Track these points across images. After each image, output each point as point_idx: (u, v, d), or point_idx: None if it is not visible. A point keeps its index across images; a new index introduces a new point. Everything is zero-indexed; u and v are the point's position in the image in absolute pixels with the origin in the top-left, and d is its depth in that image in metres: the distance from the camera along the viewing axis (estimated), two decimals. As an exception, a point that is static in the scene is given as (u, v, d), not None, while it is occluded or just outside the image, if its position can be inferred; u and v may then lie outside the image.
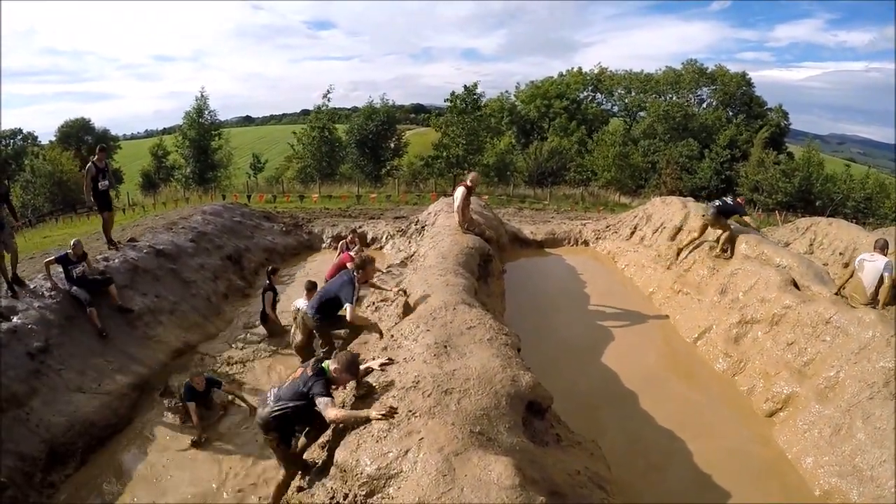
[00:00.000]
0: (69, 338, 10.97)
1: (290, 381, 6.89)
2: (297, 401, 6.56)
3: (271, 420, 6.67)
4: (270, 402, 6.75)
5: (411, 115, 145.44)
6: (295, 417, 6.70)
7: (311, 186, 41.82)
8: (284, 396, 6.67)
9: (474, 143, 46.95)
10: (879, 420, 8.20)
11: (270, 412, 6.65)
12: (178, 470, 9.04)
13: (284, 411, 6.60)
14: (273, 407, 6.66)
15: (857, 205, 54.05)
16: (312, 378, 6.57)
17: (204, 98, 48.21)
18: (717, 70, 71.71)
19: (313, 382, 6.51)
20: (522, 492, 5.02)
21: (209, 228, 18.57)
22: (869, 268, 11.37)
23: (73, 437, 9.18)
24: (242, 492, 8.55)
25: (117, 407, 10.17)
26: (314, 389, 6.44)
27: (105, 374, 10.67)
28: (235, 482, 8.76)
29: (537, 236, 21.30)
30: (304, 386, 6.54)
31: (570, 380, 10.96)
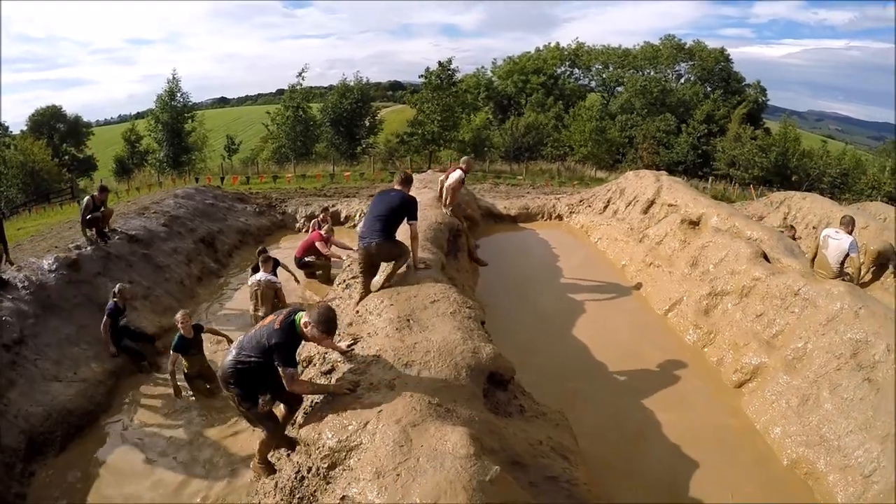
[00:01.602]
0: (44, 327, 10.82)
1: (257, 327, 6.29)
2: (258, 356, 5.98)
3: (232, 372, 6.09)
4: (234, 349, 6.23)
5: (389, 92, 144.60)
6: (257, 374, 6.12)
7: (286, 166, 41.41)
8: (248, 346, 6.07)
9: (450, 120, 46.64)
10: (846, 391, 8.25)
11: (232, 363, 6.09)
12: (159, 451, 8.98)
13: (247, 365, 6.03)
14: (234, 357, 6.11)
15: (834, 180, 54.57)
16: (277, 334, 5.91)
17: (176, 80, 47.48)
18: (695, 46, 71.75)
19: (276, 344, 5.87)
20: (477, 460, 5.02)
21: (181, 212, 18.40)
22: (833, 245, 11.62)
23: (51, 426, 9.01)
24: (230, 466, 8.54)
25: (94, 394, 10.01)
26: (275, 352, 5.88)
27: (80, 362, 10.53)
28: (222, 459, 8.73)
29: (511, 211, 21.23)
30: (269, 341, 5.91)
31: (541, 352, 10.97)
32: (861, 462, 7.35)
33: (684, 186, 17.76)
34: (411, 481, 4.81)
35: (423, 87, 48.98)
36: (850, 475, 7.34)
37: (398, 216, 8.73)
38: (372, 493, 4.84)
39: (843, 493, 7.25)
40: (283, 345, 5.93)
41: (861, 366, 8.40)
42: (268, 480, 6.55)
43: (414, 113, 49.76)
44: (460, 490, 4.65)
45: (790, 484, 7.79)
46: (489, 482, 4.89)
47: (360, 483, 5.00)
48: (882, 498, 6.66)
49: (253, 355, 6.01)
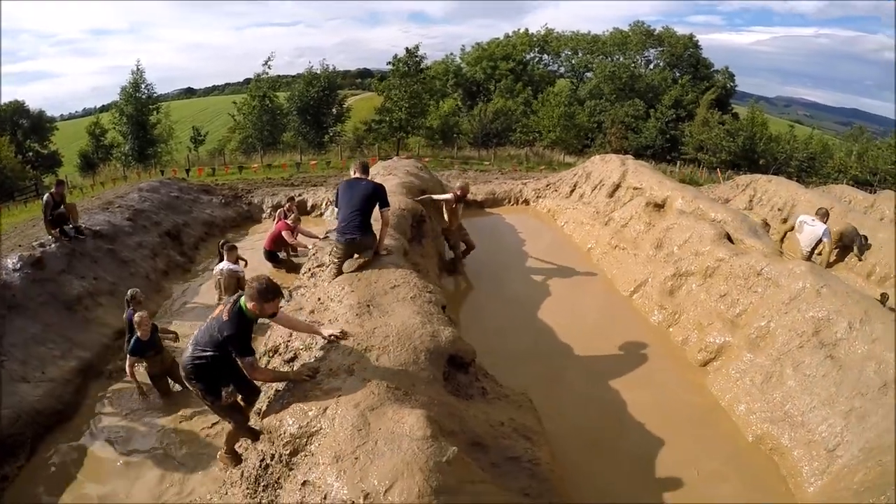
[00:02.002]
0: (10, 327, 10.52)
1: (208, 321, 6.20)
2: (213, 350, 5.94)
3: (192, 368, 6.09)
4: (190, 344, 6.19)
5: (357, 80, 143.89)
6: (216, 367, 6.12)
7: (253, 157, 40.92)
8: (201, 342, 6.04)
9: (417, 107, 46.43)
10: (809, 368, 8.34)
11: (190, 359, 6.09)
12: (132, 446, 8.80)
13: (204, 360, 6.02)
14: (191, 353, 6.10)
15: (801, 164, 55.50)
16: (228, 328, 5.84)
17: (140, 71, 46.46)
18: (664, 32, 72.12)
19: (229, 335, 5.82)
20: (434, 442, 5.05)
21: (146, 206, 18.00)
22: (808, 231, 12.05)
23: (20, 428, 8.71)
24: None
25: (62, 393, 9.69)
26: (230, 344, 5.83)
27: (48, 361, 10.23)
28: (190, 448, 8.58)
29: (477, 196, 21.12)
30: (220, 333, 5.87)
31: (507, 335, 10.96)
32: (825, 437, 7.43)
33: (650, 170, 17.79)
34: (369, 464, 4.82)
35: (391, 74, 48.70)
36: (814, 450, 7.41)
37: (372, 206, 8.76)
38: (331, 476, 4.84)
39: (808, 467, 7.32)
40: (236, 335, 5.86)
41: (823, 343, 8.50)
42: (234, 470, 6.47)
43: (382, 100, 49.49)
44: (417, 471, 4.67)
45: (755, 459, 7.85)
46: (446, 463, 4.90)
47: (320, 468, 5.01)
48: (846, 472, 6.69)
49: (208, 349, 5.97)
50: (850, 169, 54.54)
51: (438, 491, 4.59)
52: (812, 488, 7.08)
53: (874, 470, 6.17)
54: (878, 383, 7.47)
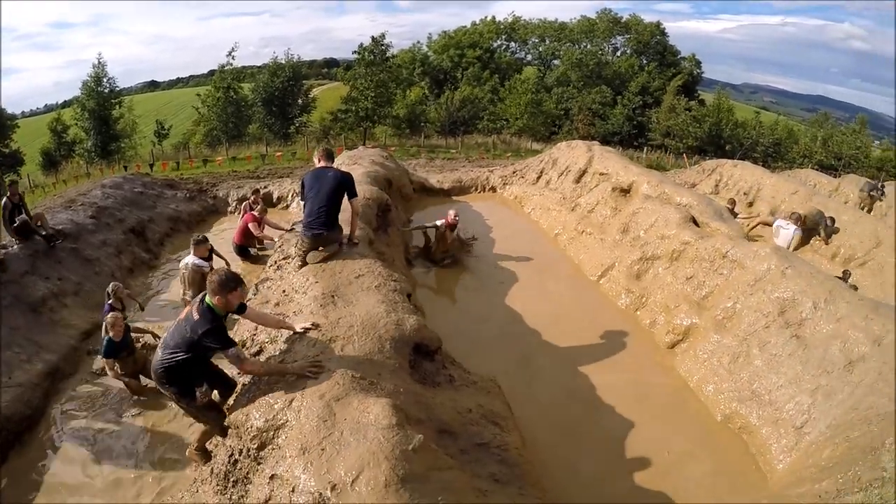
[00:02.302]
0: None
1: (176, 323, 6.03)
2: (185, 351, 5.75)
3: (163, 371, 5.89)
4: (160, 348, 5.98)
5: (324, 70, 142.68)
6: (187, 369, 5.93)
7: (218, 150, 40.29)
8: (172, 343, 5.83)
9: (384, 96, 46.11)
10: (775, 347, 8.46)
11: (161, 363, 5.86)
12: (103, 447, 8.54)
13: (176, 362, 5.81)
14: (161, 357, 5.87)
15: (767, 149, 56.13)
16: (202, 325, 5.67)
17: (102, 65, 45.33)
18: (631, 20, 72.30)
19: (205, 332, 5.64)
20: (399, 430, 5.04)
21: (109, 202, 17.55)
22: (783, 234, 12.67)
23: None
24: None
25: (30, 398, 9.36)
26: (214, 344, 5.68)
27: (14, 366, 9.88)
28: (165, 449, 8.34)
29: (444, 184, 21.07)
30: (194, 333, 5.67)
31: (476, 322, 10.95)
32: (792, 415, 7.54)
33: (615, 155, 17.86)
34: (335, 455, 4.80)
35: (357, 63, 48.29)
36: (782, 428, 7.52)
37: (340, 198, 8.63)
38: (298, 469, 4.82)
39: (776, 444, 7.42)
40: (214, 329, 5.71)
41: (789, 323, 8.61)
42: (205, 468, 6.35)
43: (348, 90, 49.13)
44: (383, 460, 4.66)
45: (725, 438, 7.95)
46: (412, 451, 4.90)
47: (287, 461, 4.97)
48: (814, 448, 6.74)
49: (179, 352, 5.79)
50: (816, 154, 55.46)
51: (405, 479, 4.58)
52: (781, 465, 7.15)
53: (842, 446, 6.20)
54: (844, 361, 7.59)
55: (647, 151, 48.80)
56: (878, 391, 6.83)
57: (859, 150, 55.61)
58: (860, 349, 7.60)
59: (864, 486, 5.09)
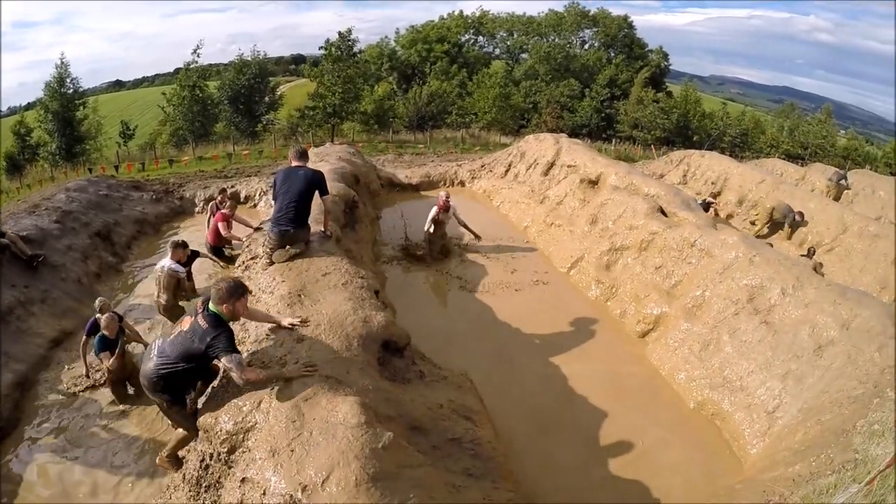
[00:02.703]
0: None
1: (176, 333, 5.71)
2: (190, 361, 5.55)
3: (157, 380, 5.63)
4: (154, 356, 5.69)
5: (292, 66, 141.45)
6: (185, 378, 5.76)
7: (185, 149, 39.70)
8: (173, 354, 5.58)
9: (351, 91, 45.74)
10: (745, 334, 8.57)
11: (156, 370, 5.61)
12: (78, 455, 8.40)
13: (174, 371, 5.58)
14: (158, 363, 5.62)
15: (734, 140, 56.74)
16: (212, 332, 5.46)
17: (65, 65, 44.33)
18: (599, 13, 72.55)
19: (213, 338, 5.42)
20: (369, 428, 5.02)
21: (74, 206, 17.07)
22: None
23: None
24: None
25: (0, 410, 9.16)
26: (218, 347, 5.42)
27: None
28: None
29: (412, 180, 21.00)
30: (202, 343, 5.44)
31: (447, 316, 10.95)
32: (764, 399, 7.63)
33: (583, 147, 17.90)
34: (305, 455, 4.77)
35: (324, 59, 47.91)
36: (754, 413, 7.60)
37: (310, 196, 8.58)
38: (269, 471, 4.77)
39: (749, 429, 7.50)
40: (222, 335, 5.50)
41: (758, 310, 8.71)
42: (177, 474, 6.28)
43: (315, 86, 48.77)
44: (352, 459, 4.65)
45: (698, 425, 8.02)
46: (382, 449, 4.90)
47: (257, 463, 4.92)
48: (787, 432, 6.80)
49: (181, 363, 5.58)
50: (782, 144, 56.41)
51: (376, 478, 4.58)
52: (755, 450, 7.22)
53: (814, 429, 6.27)
54: (813, 346, 7.69)
55: (615, 143, 49.01)
56: (848, 374, 6.92)
57: (825, 139, 56.58)
58: (829, 333, 7.70)
59: (836, 468, 5.12)
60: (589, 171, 15.32)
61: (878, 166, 50.64)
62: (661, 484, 6.85)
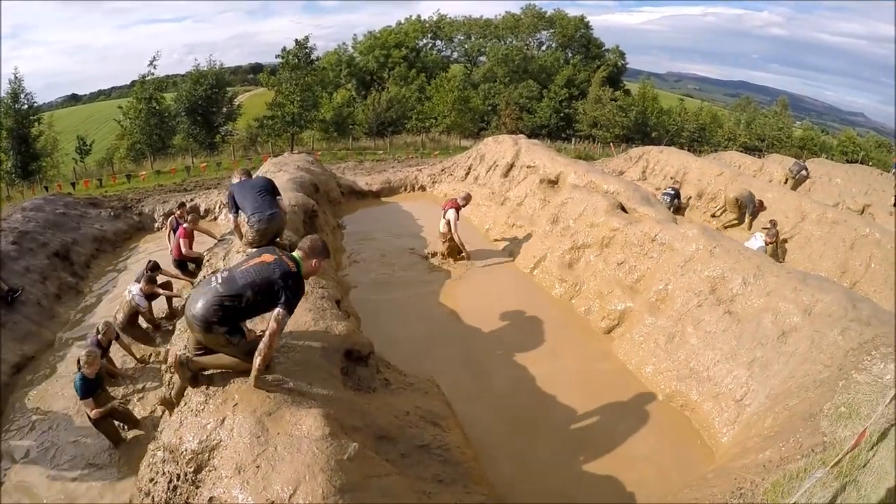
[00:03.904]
0: None
1: (253, 264, 5.50)
2: (258, 292, 5.31)
3: (217, 309, 5.28)
4: (216, 286, 5.37)
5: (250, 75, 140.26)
6: (245, 312, 5.45)
7: (143, 164, 39.17)
8: (242, 282, 5.35)
9: (310, 100, 45.54)
10: (709, 325, 8.65)
11: (218, 300, 5.29)
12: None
13: (239, 303, 5.30)
14: (221, 292, 5.31)
15: (692, 134, 57.72)
16: (295, 278, 5.40)
17: (19, 80, 43.47)
18: (556, 14, 73.13)
19: (294, 284, 5.38)
20: (333, 440, 4.98)
21: (31, 226, 16.71)
22: (750, 243, 12.93)
23: None
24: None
25: None
26: (288, 295, 5.32)
27: None
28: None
29: (373, 186, 20.88)
30: (283, 280, 5.32)
31: (411, 322, 10.84)
32: (731, 388, 7.71)
33: (542, 148, 18.00)
34: (271, 471, 4.71)
35: (281, 67, 47.66)
36: (723, 402, 7.67)
37: (272, 192, 8.61)
38: (235, 489, 4.69)
39: (718, 418, 7.57)
40: (301, 289, 5.54)
41: (720, 300, 8.81)
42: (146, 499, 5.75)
43: (273, 95, 48.47)
44: (318, 472, 4.61)
45: (669, 416, 8.05)
46: (348, 460, 4.87)
47: (223, 481, 4.83)
48: (756, 419, 6.88)
49: (249, 290, 5.33)
50: (740, 137, 57.78)
51: (343, 490, 4.55)
52: (725, 438, 7.28)
53: (782, 414, 6.34)
54: (776, 333, 7.79)
55: (574, 142, 49.57)
56: (812, 359, 7.01)
57: (781, 130, 58.00)
58: (791, 320, 7.80)
59: (805, 451, 5.19)
60: (548, 170, 15.42)
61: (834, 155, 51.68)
62: (635, 476, 6.86)
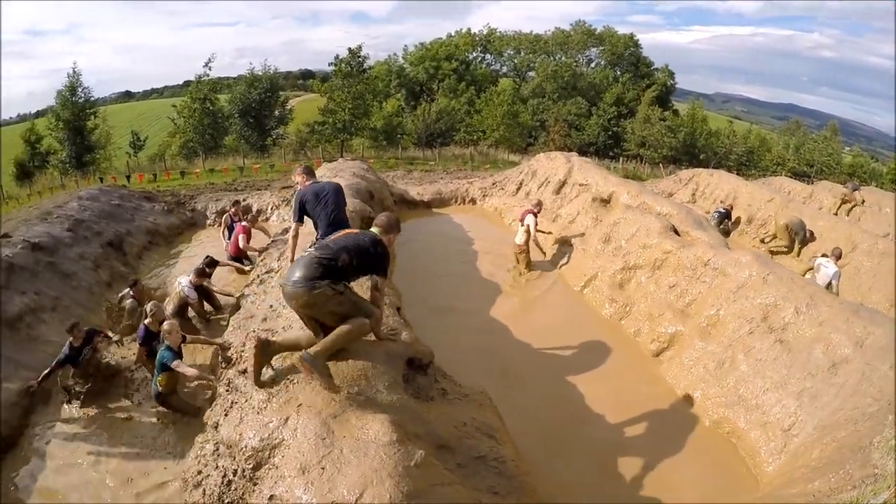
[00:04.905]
0: None
1: (339, 236, 6.01)
2: (351, 256, 5.69)
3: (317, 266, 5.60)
4: (312, 252, 5.81)
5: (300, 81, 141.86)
6: (342, 273, 5.69)
7: (194, 161, 39.93)
8: (334, 247, 5.75)
9: (361, 108, 45.94)
10: (759, 352, 8.62)
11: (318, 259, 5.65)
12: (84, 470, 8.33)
13: (337, 263, 5.64)
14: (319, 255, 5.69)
15: (740, 158, 56.90)
16: (382, 248, 5.92)
17: (76, 74, 44.38)
18: (605, 31, 72.75)
19: (383, 253, 5.92)
20: (401, 447, 4.97)
21: (86, 215, 17.05)
22: (823, 272, 12.40)
23: None
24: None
25: (8, 418, 9.04)
26: (383, 264, 5.98)
27: None
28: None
29: (424, 197, 21.10)
30: (373, 247, 5.85)
31: (461, 335, 10.87)
32: (779, 417, 7.67)
33: (594, 166, 18.08)
34: (337, 473, 4.73)
35: (334, 74, 48.16)
36: (770, 431, 7.64)
37: (344, 202, 8.76)
38: (299, 489, 4.73)
39: (765, 447, 7.54)
40: (387, 253, 6.05)
41: (772, 328, 8.78)
42: (195, 490, 5.94)
43: (325, 102, 48.96)
44: (386, 477, 4.61)
45: (715, 443, 8.05)
46: (415, 467, 4.86)
47: (286, 481, 4.89)
48: (803, 450, 6.87)
49: (344, 254, 5.70)
50: (788, 161, 56.54)
51: (409, 496, 4.56)
52: (771, 467, 7.26)
53: (830, 446, 6.34)
54: (827, 364, 7.76)
55: (622, 162, 49.26)
56: (862, 392, 7.00)
57: (831, 156, 56.77)
58: (843, 351, 7.79)
59: (856, 483, 5.18)
60: (601, 190, 15.46)
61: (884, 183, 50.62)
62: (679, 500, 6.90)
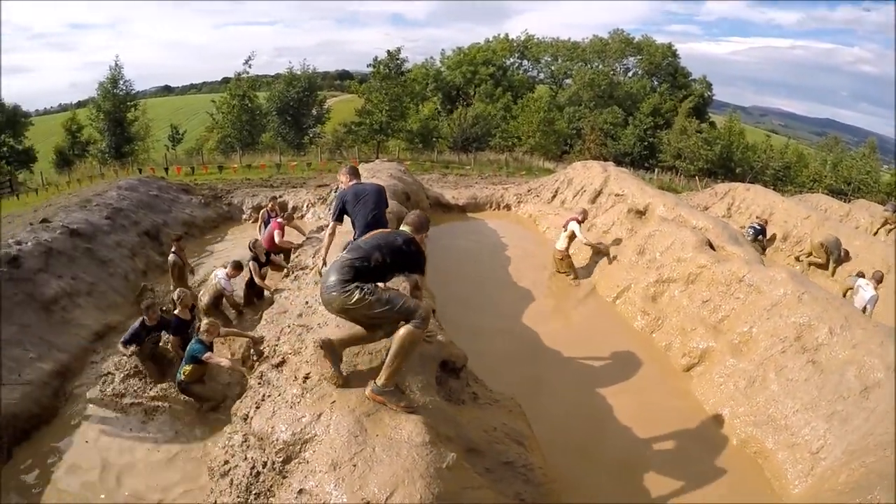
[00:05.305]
0: None
1: (371, 236, 5.97)
2: (384, 256, 5.63)
3: (349, 269, 5.53)
4: (343, 255, 5.82)
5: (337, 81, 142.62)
6: (373, 274, 5.63)
7: (231, 157, 40.43)
8: (366, 248, 5.71)
9: (398, 110, 46.23)
10: (791, 372, 8.54)
11: (350, 261, 5.60)
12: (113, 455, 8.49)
13: (369, 264, 5.59)
14: (350, 257, 5.65)
15: (776, 173, 56.19)
16: (416, 247, 5.85)
17: (118, 67, 45.47)
18: (643, 41, 72.22)
19: (417, 251, 5.86)
20: (433, 448, 5.03)
21: (125, 204, 17.58)
22: (860, 295, 12.61)
23: None
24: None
25: (39, 397, 9.32)
26: (420, 264, 5.98)
27: (24, 363, 9.79)
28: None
29: (459, 201, 21.21)
30: (406, 246, 5.77)
31: (494, 340, 10.94)
32: (808, 439, 7.60)
33: (631, 177, 18.02)
34: (368, 471, 4.77)
35: (372, 76, 48.48)
36: (798, 452, 7.58)
37: (385, 205, 8.56)
38: (329, 485, 4.77)
39: (792, 469, 7.48)
40: (421, 251, 5.96)
41: (805, 348, 8.70)
42: (222, 480, 6.13)
43: (362, 102, 49.24)
44: (418, 478, 4.66)
45: (741, 462, 7.98)
46: (446, 469, 4.92)
47: (316, 476, 4.93)
48: (830, 474, 6.83)
49: (377, 253, 5.65)
50: (825, 178, 55.59)
51: (440, 497, 4.61)
52: (797, 489, 7.22)
53: (858, 471, 6.31)
54: (859, 387, 7.68)
55: (657, 173, 48.94)
56: (893, 418, 6.92)
57: (869, 174, 55.73)
58: (875, 375, 7.70)
59: None
60: (637, 201, 15.44)
61: (922, 205, 49.62)
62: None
